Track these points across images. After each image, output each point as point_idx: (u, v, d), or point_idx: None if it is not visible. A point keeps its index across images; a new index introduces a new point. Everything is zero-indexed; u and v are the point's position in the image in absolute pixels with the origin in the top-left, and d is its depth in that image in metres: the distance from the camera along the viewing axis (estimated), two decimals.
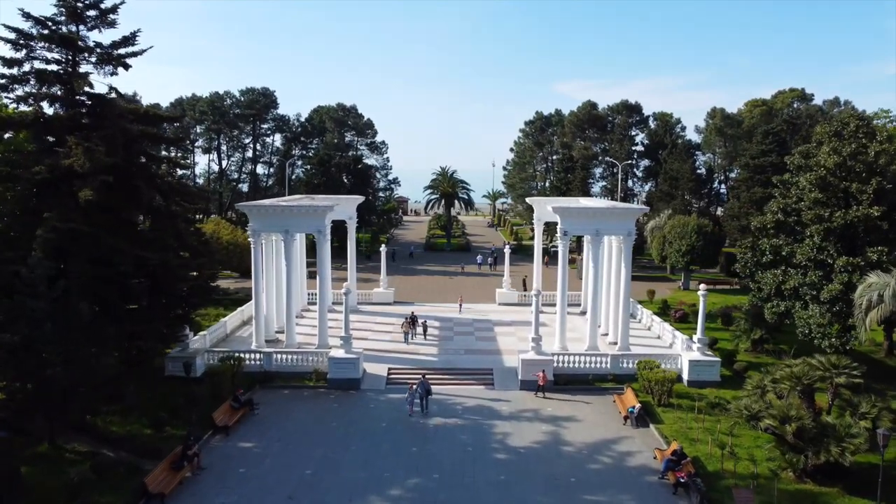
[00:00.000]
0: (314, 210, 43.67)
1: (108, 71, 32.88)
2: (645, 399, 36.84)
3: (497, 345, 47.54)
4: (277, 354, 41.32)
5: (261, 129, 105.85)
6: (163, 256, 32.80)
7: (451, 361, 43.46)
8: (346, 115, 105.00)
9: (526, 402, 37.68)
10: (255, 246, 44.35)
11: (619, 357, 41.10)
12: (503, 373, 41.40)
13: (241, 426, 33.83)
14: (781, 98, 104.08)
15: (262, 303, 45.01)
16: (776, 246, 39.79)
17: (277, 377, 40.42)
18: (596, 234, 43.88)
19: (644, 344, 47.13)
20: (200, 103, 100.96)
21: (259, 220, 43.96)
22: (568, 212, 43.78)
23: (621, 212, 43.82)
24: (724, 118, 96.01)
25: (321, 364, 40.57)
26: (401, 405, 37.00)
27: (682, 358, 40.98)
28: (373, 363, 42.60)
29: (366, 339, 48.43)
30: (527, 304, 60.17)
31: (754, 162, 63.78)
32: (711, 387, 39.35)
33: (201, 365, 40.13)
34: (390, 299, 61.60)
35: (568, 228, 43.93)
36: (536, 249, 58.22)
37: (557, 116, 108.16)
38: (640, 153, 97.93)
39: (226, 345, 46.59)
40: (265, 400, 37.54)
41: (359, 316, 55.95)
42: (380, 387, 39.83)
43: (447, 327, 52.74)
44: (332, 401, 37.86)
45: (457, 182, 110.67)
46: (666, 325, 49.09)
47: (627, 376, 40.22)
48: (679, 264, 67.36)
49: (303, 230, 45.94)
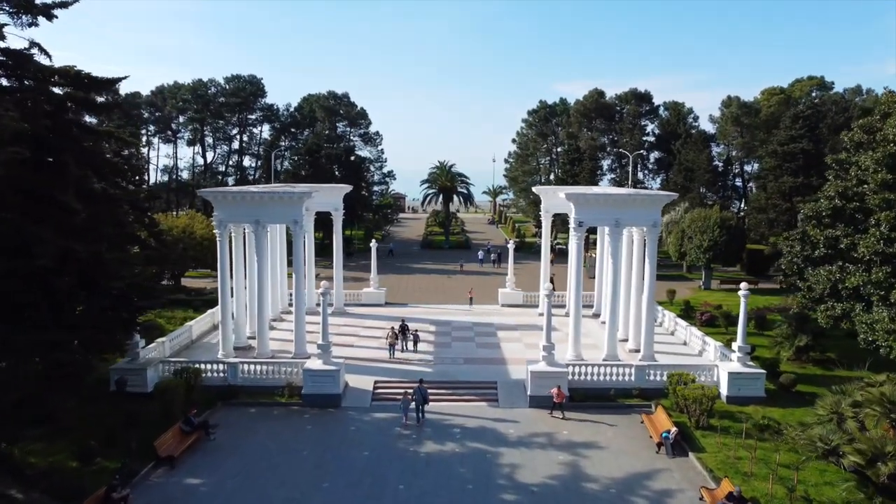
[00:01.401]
0: (289, 197, 37.64)
1: (27, 22, 26.90)
2: (679, 419, 30.81)
3: (501, 353, 41.51)
4: (244, 365, 35.29)
5: (248, 120, 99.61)
6: (95, 248, 26.68)
7: (448, 373, 37.41)
8: (338, 104, 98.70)
9: (537, 422, 31.65)
10: (222, 239, 38.36)
11: (646, 368, 35.07)
12: (509, 387, 35.37)
13: (191, 456, 27.79)
14: (800, 86, 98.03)
15: (229, 305, 39.00)
16: (832, 237, 33.74)
17: (243, 392, 34.41)
18: (615, 224, 37.89)
19: (669, 352, 41.15)
20: (182, 91, 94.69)
21: (225, 209, 37.94)
22: (584, 199, 37.76)
23: (646, 199, 37.83)
24: (741, 107, 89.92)
25: (296, 376, 34.57)
26: (388, 427, 31.03)
27: (718, 369, 34.97)
28: (357, 374, 36.58)
29: (351, 347, 42.42)
30: (532, 305, 54.21)
31: (783, 149, 57.85)
32: (755, 403, 33.32)
33: (154, 378, 34.10)
34: (381, 300, 55.58)
35: (583, 219, 37.94)
36: (544, 244, 52.17)
37: (562, 106, 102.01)
38: (651, 144, 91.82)
39: (190, 353, 40.65)
40: (226, 420, 31.51)
41: (345, 319, 49.96)
42: (364, 404, 33.79)
43: (444, 332, 46.72)
44: (307, 421, 31.83)
45: (456, 176, 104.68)
46: (693, 329, 43.08)
47: (655, 391, 34.25)
48: (699, 261, 61.37)
49: (276, 221, 39.91)
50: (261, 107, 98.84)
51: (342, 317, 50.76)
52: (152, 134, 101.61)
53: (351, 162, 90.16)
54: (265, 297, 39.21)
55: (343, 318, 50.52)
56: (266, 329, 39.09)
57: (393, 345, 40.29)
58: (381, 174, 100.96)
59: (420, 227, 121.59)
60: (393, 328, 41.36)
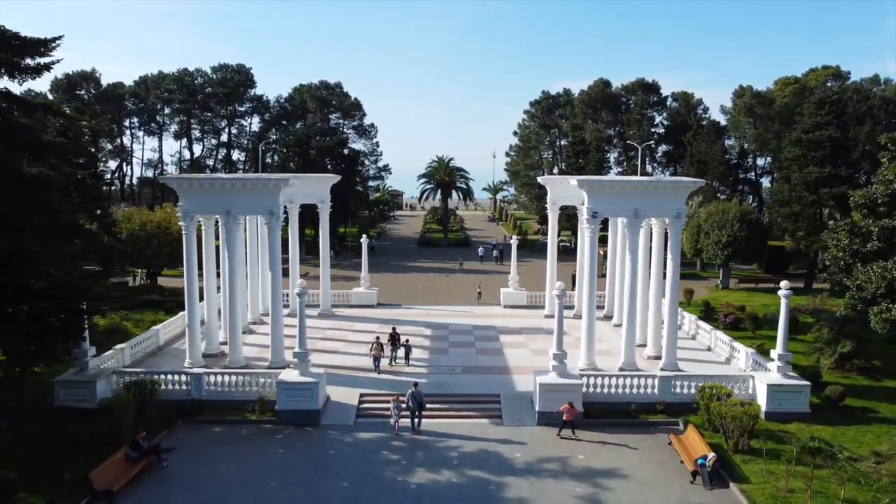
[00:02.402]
0: (263, 185, 33.14)
1: None
2: (713, 440, 26.33)
3: (505, 360, 36.99)
4: (210, 376, 30.75)
5: (236, 111, 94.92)
6: (17, 240, 22.15)
7: (445, 384, 32.86)
8: (331, 95, 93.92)
9: (547, 444, 27.14)
10: (188, 233, 33.88)
11: (672, 380, 30.54)
12: (514, 401, 30.86)
13: (136, 489, 23.28)
14: (814, 76, 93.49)
15: (196, 307, 34.50)
16: (889, 228, 29.21)
17: (209, 408, 29.90)
18: (634, 215, 33.43)
19: (692, 359, 36.66)
20: (167, 81, 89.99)
21: (191, 199, 33.45)
22: (598, 187, 33.25)
23: (668, 186, 33.33)
24: (755, 96, 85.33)
25: (269, 389, 30.07)
26: (373, 450, 26.58)
27: (754, 381, 30.46)
28: (341, 386, 32.09)
29: (336, 353, 37.91)
30: (538, 306, 49.76)
31: (808, 137, 53.32)
32: (798, 420, 28.85)
33: (105, 391, 29.56)
34: (373, 301, 51.06)
35: (598, 209, 33.43)
36: (550, 239, 47.66)
37: (566, 97, 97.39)
38: (659, 136, 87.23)
39: (156, 361, 36.20)
40: (186, 442, 27.04)
41: (332, 322, 45.46)
42: (347, 421, 29.28)
43: (440, 336, 42.21)
44: (279, 443, 27.32)
45: (454, 170, 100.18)
46: (719, 333, 38.60)
47: (682, 406, 29.79)
48: (717, 259, 56.83)
49: (249, 211, 35.38)
50: (250, 98, 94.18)
51: (329, 319, 46.28)
52: (136, 127, 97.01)
53: (344, 154, 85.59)
54: (237, 297, 34.70)
55: (330, 320, 46.04)
56: (238, 334, 34.58)
57: (378, 357, 34.47)
58: (377, 168, 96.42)
59: (418, 225, 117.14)
60: (378, 338, 35.48)
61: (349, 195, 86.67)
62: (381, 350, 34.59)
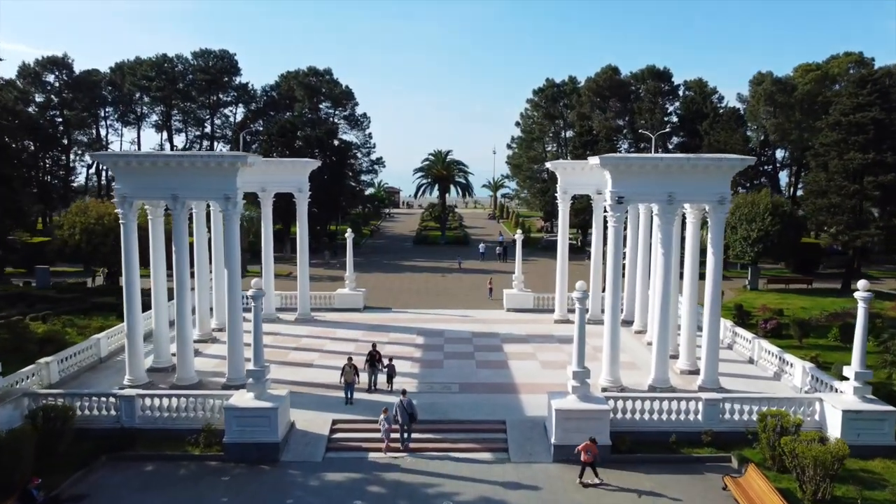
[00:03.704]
0: (216, 163, 27.16)
1: None
2: (781, 483, 20.38)
3: (510, 375, 31.00)
4: (145, 399, 24.74)
5: (220, 100, 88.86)
6: None
7: (438, 406, 26.84)
8: (320, 82, 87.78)
9: (567, 490, 21.18)
10: (126, 221, 28.03)
11: (720, 403, 24.55)
12: (523, 429, 24.88)
13: None
14: (837, 63, 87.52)
15: (137, 312, 28.57)
16: None
17: (143, 439, 23.94)
18: (668, 200, 27.54)
19: (734, 373, 30.78)
20: (143, 67, 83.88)
21: (128, 180, 27.54)
22: (625, 166, 27.26)
23: (711, 164, 27.35)
24: (775, 83, 79.34)
25: (220, 415, 24.08)
26: (343, 499, 20.60)
27: (822, 405, 24.48)
28: (310, 410, 26.14)
29: (310, 367, 31.95)
30: (546, 309, 43.90)
31: (848, 119, 47.41)
32: (882, 456, 22.90)
33: (13, 420, 23.49)
34: (359, 304, 45.09)
35: (624, 193, 27.49)
36: (561, 233, 41.65)
37: (571, 85, 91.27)
38: (673, 126, 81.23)
39: (94, 377, 30.33)
40: (104, 490, 21.09)
41: (310, 329, 39.53)
42: (314, 456, 23.31)
43: (434, 345, 36.25)
44: (225, 488, 21.35)
45: (453, 164, 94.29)
46: (763, 342, 32.64)
47: (733, 436, 23.90)
48: (747, 256, 50.84)
49: (200, 196, 29.34)
50: (234, 86, 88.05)
51: (307, 325, 40.34)
52: (113, 117, 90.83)
53: (334, 146, 79.69)
54: (186, 301, 28.73)
55: (308, 326, 40.10)
56: (188, 345, 28.61)
57: (351, 384, 26.88)
58: (369, 161, 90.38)
59: (415, 223, 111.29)
60: (350, 359, 27.80)
61: (340, 190, 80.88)
62: (356, 374, 27.20)
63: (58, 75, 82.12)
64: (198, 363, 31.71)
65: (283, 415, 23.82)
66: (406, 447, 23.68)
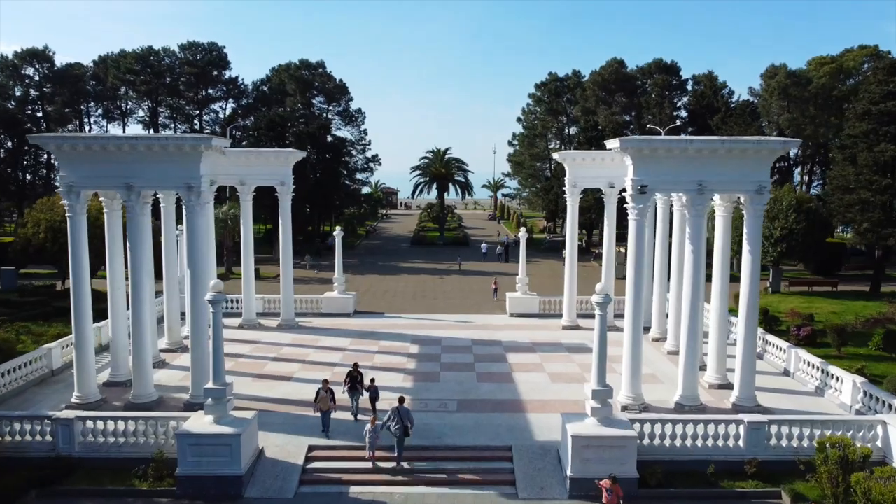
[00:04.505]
0: (177, 147, 23.47)
1: None
2: None
3: (515, 390, 27.22)
4: (87, 422, 20.99)
5: (209, 95, 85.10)
6: None
7: (432, 429, 23.10)
8: (313, 76, 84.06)
9: None
10: (73, 215, 24.34)
11: (765, 426, 20.81)
12: (533, 457, 21.12)
13: None
14: (852, 56, 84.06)
15: (85, 320, 24.91)
16: None
17: (84, 470, 20.22)
18: (698, 190, 23.87)
19: (769, 387, 27.12)
20: (127, 60, 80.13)
21: (75, 166, 23.86)
22: (650, 150, 23.54)
23: (749, 147, 23.63)
24: (789, 76, 75.76)
25: (173, 441, 20.32)
26: None
27: (886, 429, 20.75)
28: (283, 434, 22.42)
29: (288, 381, 28.22)
30: (553, 314, 40.27)
31: (879, 108, 43.82)
32: None
33: None
34: (349, 309, 41.37)
35: (649, 181, 23.83)
36: (570, 230, 37.95)
37: (575, 79, 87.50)
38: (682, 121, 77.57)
39: (41, 393, 26.68)
40: None
41: (293, 336, 35.80)
42: (285, 491, 19.58)
43: (430, 354, 32.50)
44: None
45: (452, 162, 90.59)
46: (801, 352, 28.94)
47: (782, 465, 20.19)
48: (769, 256, 47.17)
49: (159, 185, 25.53)
50: (224, 81, 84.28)
51: (290, 332, 36.64)
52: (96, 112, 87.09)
53: (327, 142, 76.07)
54: (144, 306, 25.00)
55: (291, 333, 36.39)
56: (145, 358, 24.86)
57: (326, 412, 22.29)
58: (364, 159, 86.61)
59: (412, 224, 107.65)
60: (326, 382, 22.97)
61: (334, 188, 77.24)
62: (332, 400, 22.64)
63: (38, 68, 78.46)
64: (162, 376, 28.17)
65: (248, 442, 20.10)
66: (399, 462, 20.46)
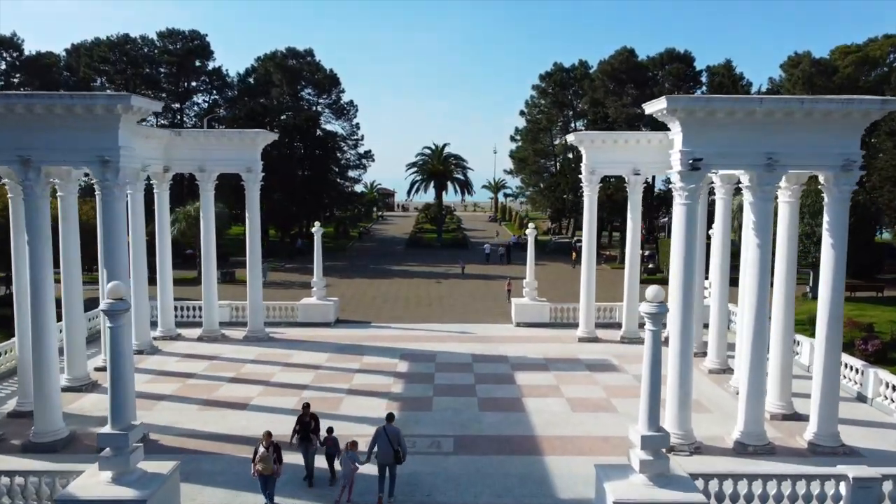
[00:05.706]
0: (85, 108, 17.94)
1: None
2: None
3: (527, 422, 21.52)
4: None
5: (190, 87, 79.61)
6: None
7: (421, 482, 17.38)
8: (301, 65, 78.42)
9: None
10: None
11: (878, 484, 15.17)
12: None
13: None
14: (877, 45, 78.95)
15: None
16: None
17: None
18: (766, 166, 18.39)
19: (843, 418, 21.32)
20: (101, 48, 74.59)
21: None
22: (706, 112, 17.97)
23: (835, 109, 18.09)
24: (814, 64, 70.41)
25: None
26: None
27: None
28: (224, 488, 16.79)
29: (243, 409, 22.56)
30: (566, 324, 34.74)
31: None
32: None
33: None
34: (330, 317, 35.79)
35: (703, 153, 18.33)
36: (587, 226, 32.33)
37: (582, 70, 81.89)
38: None
39: None
40: None
41: (261, 351, 30.15)
42: None
43: (422, 375, 26.82)
44: None
45: (450, 158, 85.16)
46: (881, 373, 23.39)
47: None
48: (809, 256, 41.64)
49: (63, 158, 19.61)
50: (207, 72, 78.78)
51: (258, 345, 31.01)
52: None
53: (317, 137, 70.61)
54: (45, 316, 19.35)
55: (258, 347, 30.74)
56: (50, 381, 19.24)
57: (267, 477, 15.48)
58: (357, 154, 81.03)
59: (409, 226, 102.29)
60: (268, 435, 16.01)
61: (323, 186, 71.79)
62: (277, 461, 15.63)
63: (5, 56, 72.97)
64: (87, 403, 22.70)
65: None
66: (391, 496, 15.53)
